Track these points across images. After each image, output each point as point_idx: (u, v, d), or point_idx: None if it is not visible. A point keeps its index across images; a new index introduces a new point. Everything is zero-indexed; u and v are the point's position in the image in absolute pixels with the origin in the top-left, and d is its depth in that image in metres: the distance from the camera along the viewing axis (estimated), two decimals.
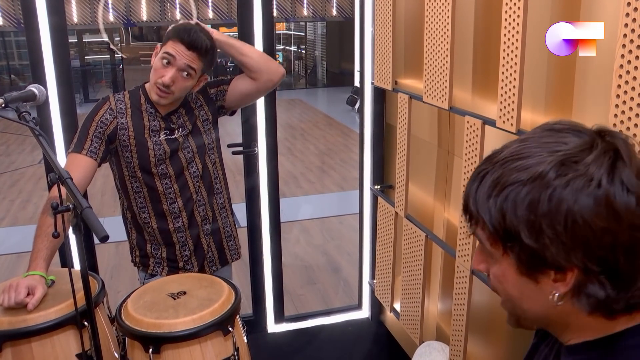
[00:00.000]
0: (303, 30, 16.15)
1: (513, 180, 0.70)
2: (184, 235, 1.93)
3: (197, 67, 1.77)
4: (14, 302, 1.45)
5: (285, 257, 2.76)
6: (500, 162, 0.73)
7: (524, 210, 0.69)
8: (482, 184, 0.74)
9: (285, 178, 6.49)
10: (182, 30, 1.75)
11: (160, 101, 1.79)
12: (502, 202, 0.71)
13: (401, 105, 2.14)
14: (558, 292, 0.72)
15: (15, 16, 10.88)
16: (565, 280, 0.71)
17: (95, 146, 1.76)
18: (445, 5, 1.73)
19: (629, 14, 1.12)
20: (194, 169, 1.90)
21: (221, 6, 12.22)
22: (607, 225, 0.67)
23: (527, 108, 1.52)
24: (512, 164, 0.71)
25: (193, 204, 1.93)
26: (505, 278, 0.76)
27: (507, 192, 0.70)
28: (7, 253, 4.43)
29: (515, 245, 0.72)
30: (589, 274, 0.69)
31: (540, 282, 0.73)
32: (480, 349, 1.97)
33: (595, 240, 0.67)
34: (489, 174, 0.73)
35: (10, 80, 12.99)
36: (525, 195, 0.69)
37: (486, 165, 0.75)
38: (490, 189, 0.72)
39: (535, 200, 0.68)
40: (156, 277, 1.93)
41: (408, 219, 2.20)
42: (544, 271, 0.72)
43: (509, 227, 0.71)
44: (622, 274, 0.69)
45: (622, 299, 0.70)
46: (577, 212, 0.67)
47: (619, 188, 0.67)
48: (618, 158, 0.69)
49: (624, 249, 0.68)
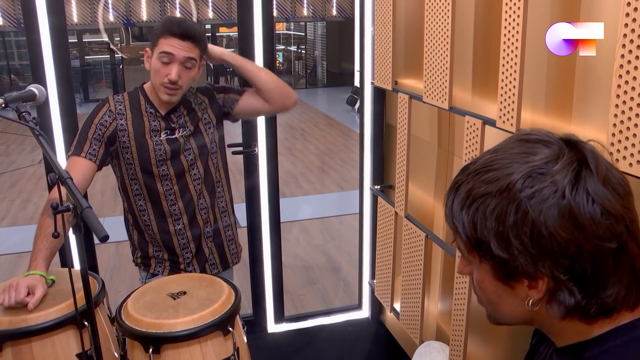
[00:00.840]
0: (303, 30, 16.15)
1: (483, 192, 0.71)
2: (185, 237, 1.93)
3: (196, 56, 1.77)
4: (14, 302, 1.45)
5: (285, 257, 2.76)
6: (472, 173, 0.74)
7: (492, 222, 0.70)
8: (457, 194, 0.75)
9: (285, 178, 6.50)
10: (170, 24, 1.74)
11: (171, 99, 1.79)
12: (473, 214, 0.72)
13: (401, 105, 2.14)
14: (532, 298, 0.74)
15: (15, 16, 10.88)
16: (538, 287, 0.72)
17: (95, 149, 1.76)
18: (445, 5, 1.73)
19: (629, 14, 1.12)
20: (195, 171, 1.90)
21: (221, 6, 12.23)
22: (571, 236, 0.67)
23: (527, 108, 1.52)
24: (483, 175, 0.73)
25: (194, 207, 1.92)
26: (484, 283, 0.78)
27: (477, 204, 0.72)
28: (7, 253, 4.43)
29: (487, 254, 0.73)
30: (558, 281, 0.71)
31: (515, 288, 0.75)
32: (480, 349, 1.97)
33: (561, 250, 0.68)
34: (463, 185, 0.75)
35: (10, 80, 12.99)
36: (494, 208, 0.70)
37: (461, 176, 0.76)
38: (464, 200, 0.74)
39: (503, 212, 0.69)
40: (158, 276, 1.93)
41: (408, 219, 2.20)
42: (518, 279, 0.73)
43: (480, 238, 0.72)
44: (590, 281, 0.70)
45: (593, 305, 0.71)
46: (542, 223, 0.68)
47: (584, 198, 0.67)
48: (583, 168, 0.69)
49: (590, 258, 0.68)
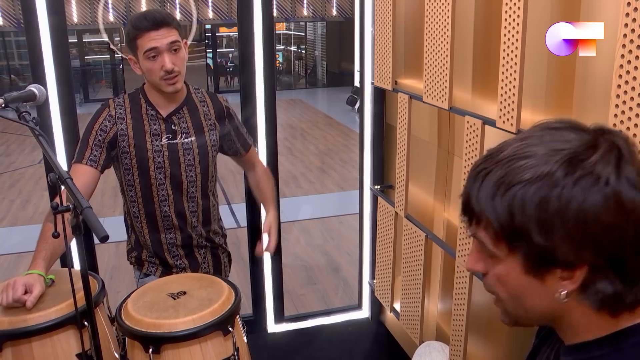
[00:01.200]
0: (303, 30, 16.15)
1: (519, 179, 0.70)
2: (175, 247, 1.92)
3: (176, 36, 1.75)
4: (12, 300, 1.45)
5: (285, 257, 2.76)
6: (503, 160, 0.73)
7: (533, 209, 0.69)
8: (484, 183, 0.73)
9: (285, 178, 6.50)
10: (138, 22, 1.72)
11: (176, 87, 1.77)
12: (509, 201, 0.71)
13: (401, 105, 2.14)
14: (565, 289, 0.73)
15: (15, 16, 10.89)
16: (574, 277, 0.72)
17: (96, 155, 1.76)
18: (445, 5, 1.73)
19: (629, 14, 1.12)
20: (193, 189, 1.88)
21: (221, 6, 12.23)
22: (616, 221, 0.68)
23: (527, 108, 1.52)
24: (516, 162, 0.71)
25: (187, 219, 1.91)
26: (508, 278, 0.76)
27: (514, 191, 0.70)
28: (7, 253, 4.44)
29: (522, 244, 0.72)
30: (597, 270, 0.71)
31: (546, 280, 0.73)
32: (480, 349, 1.97)
33: (605, 236, 0.69)
34: (491, 173, 0.73)
35: (10, 80, 13.00)
36: (533, 194, 0.69)
37: (487, 164, 0.74)
38: (495, 188, 0.72)
39: (545, 199, 0.69)
40: (150, 276, 1.93)
41: (408, 219, 2.20)
42: (551, 270, 0.72)
43: (518, 226, 0.71)
44: (629, 269, 0.71)
45: (630, 294, 0.72)
46: (586, 209, 0.68)
47: (626, 185, 0.68)
48: (622, 156, 0.70)
49: (632, 244, 0.69)
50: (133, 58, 1.77)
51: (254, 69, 2.40)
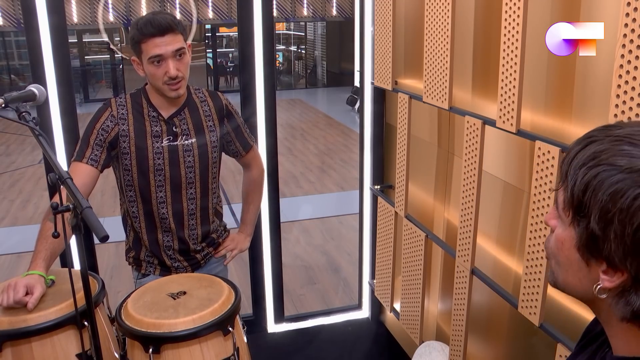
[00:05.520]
0: (303, 30, 16.16)
1: (612, 162, 0.67)
2: (172, 250, 1.92)
3: (182, 43, 1.73)
4: (13, 301, 1.44)
5: (285, 257, 2.76)
6: (612, 137, 0.70)
7: (606, 195, 0.67)
8: (584, 149, 0.71)
9: (285, 178, 6.50)
10: (144, 26, 1.70)
11: (179, 93, 1.77)
12: (591, 177, 0.68)
13: (401, 105, 2.14)
14: (602, 284, 0.71)
15: (15, 16, 10.89)
16: (613, 278, 0.70)
17: (96, 154, 1.76)
18: (445, 5, 1.73)
19: (629, 14, 1.12)
20: (192, 190, 1.88)
21: (221, 6, 12.23)
22: None
23: (527, 108, 1.52)
24: (622, 145, 0.68)
25: (183, 222, 1.90)
26: (564, 244, 0.75)
27: (599, 170, 0.68)
28: (7, 253, 4.44)
29: (583, 221, 0.71)
30: (636, 282, 0.68)
31: (590, 266, 0.72)
32: (480, 349, 1.97)
33: None
34: (595, 143, 0.70)
35: (10, 80, 13.00)
36: (614, 182, 0.66)
37: (598, 134, 0.72)
38: (588, 159, 0.70)
39: (622, 191, 0.66)
40: (149, 276, 1.93)
41: (408, 219, 2.20)
42: (599, 259, 0.71)
43: (585, 202, 0.69)
44: None
45: None
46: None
47: None
48: None
49: None
50: (137, 60, 1.77)
51: (254, 69, 2.40)
